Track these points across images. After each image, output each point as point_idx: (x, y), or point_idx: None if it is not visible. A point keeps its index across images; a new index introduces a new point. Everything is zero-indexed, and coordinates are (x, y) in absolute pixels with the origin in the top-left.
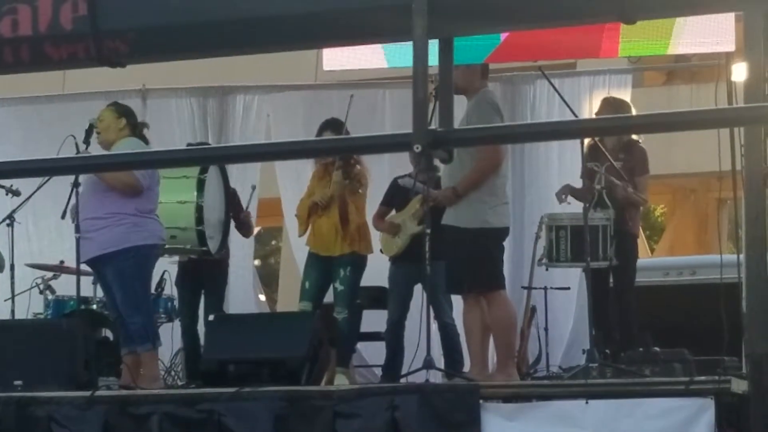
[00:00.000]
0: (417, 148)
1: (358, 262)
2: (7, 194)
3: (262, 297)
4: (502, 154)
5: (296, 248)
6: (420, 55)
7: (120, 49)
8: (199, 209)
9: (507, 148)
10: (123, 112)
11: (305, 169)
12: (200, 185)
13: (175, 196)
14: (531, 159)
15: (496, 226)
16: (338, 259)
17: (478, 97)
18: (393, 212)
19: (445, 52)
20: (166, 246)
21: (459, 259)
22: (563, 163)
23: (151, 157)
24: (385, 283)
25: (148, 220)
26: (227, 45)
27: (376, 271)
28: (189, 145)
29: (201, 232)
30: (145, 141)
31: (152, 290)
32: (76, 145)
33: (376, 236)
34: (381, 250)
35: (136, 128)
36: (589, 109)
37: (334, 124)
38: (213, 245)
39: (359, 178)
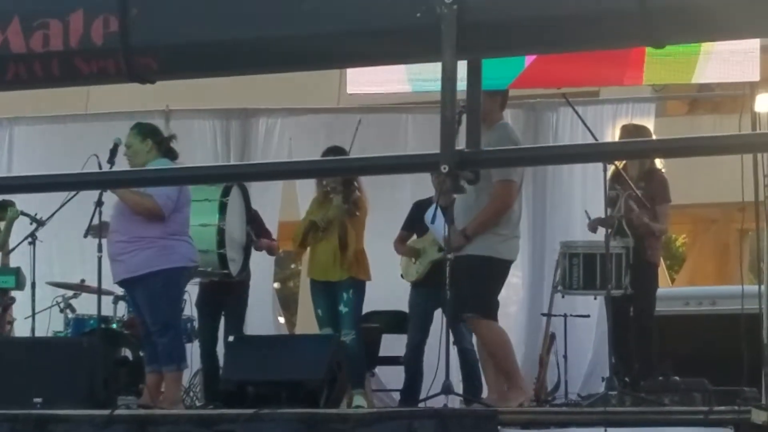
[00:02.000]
0: (444, 168)
1: (358, 286)
2: (31, 223)
3: (282, 319)
4: (514, 195)
5: None
6: (449, 75)
7: (150, 66)
8: (221, 232)
9: (521, 184)
10: (147, 132)
11: None
12: (222, 208)
13: (197, 219)
14: (554, 186)
15: (503, 257)
16: (339, 284)
17: (500, 132)
18: (414, 237)
19: (474, 74)
20: None
21: (460, 284)
22: (586, 190)
23: (170, 174)
24: (405, 308)
25: (178, 243)
26: (256, 63)
27: (396, 296)
28: None
29: (222, 255)
30: (174, 156)
31: None
32: (99, 164)
33: (375, 263)
34: (401, 275)
35: (162, 145)
36: (612, 136)
37: (336, 151)
38: (234, 268)
39: (358, 203)
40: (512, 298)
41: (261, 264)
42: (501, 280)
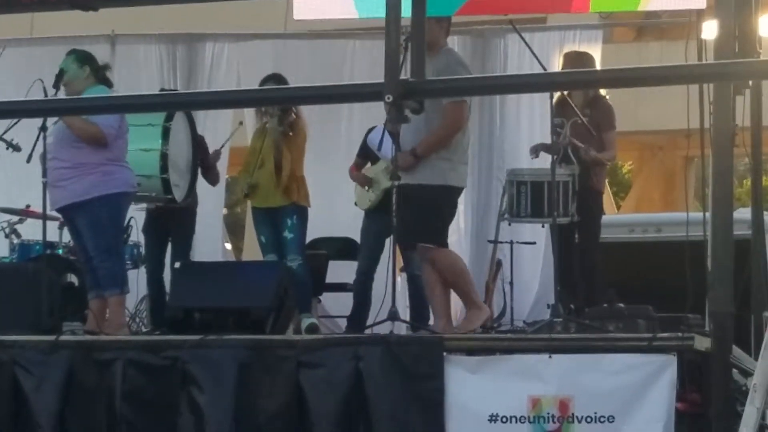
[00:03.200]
0: (388, 98)
1: (301, 211)
2: (7, 148)
3: (228, 246)
4: (465, 116)
5: None
6: (393, 4)
7: None
8: (164, 157)
9: (470, 109)
10: (84, 59)
11: None
12: (165, 133)
13: (139, 144)
14: (502, 114)
15: (454, 185)
16: (282, 210)
17: (447, 57)
18: (369, 164)
19: (418, 2)
20: None
21: (413, 214)
22: (533, 118)
23: (119, 102)
24: (352, 235)
25: (119, 168)
26: None
27: (342, 223)
28: (161, 91)
29: (166, 180)
30: (109, 84)
31: None
32: (44, 89)
33: (322, 190)
34: (355, 203)
35: (99, 72)
36: (559, 63)
37: (275, 79)
38: (179, 193)
39: (293, 125)
40: (454, 226)
41: (210, 190)
42: (454, 207)
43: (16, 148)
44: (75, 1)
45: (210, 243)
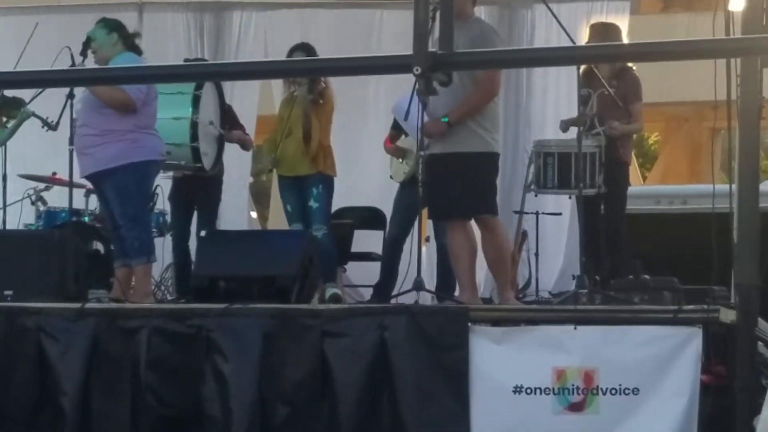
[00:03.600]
0: (417, 70)
1: (327, 181)
2: (42, 127)
3: (254, 214)
4: (498, 83)
5: None
6: None
7: None
8: (194, 126)
9: (501, 77)
10: (113, 26)
11: None
12: (195, 101)
13: (170, 112)
14: (528, 85)
15: (497, 151)
16: (308, 179)
17: (479, 25)
18: (403, 136)
19: None
20: None
21: (465, 184)
22: (559, 89)
23: (146, 72)
24: (377, 205)
25: (147, 136)
26: None
27: (368, 193)
28: (186, 61)
29: (196, 148)
30: (139, 52)
31: None
32: (72, 57)
33: (348, 160)
34: (391, 176)
35: (128, 40)
36: (586, 35)
37: (304, 48)
38: (207, 162)
39: (322, 93)
40: None
41: (237, 159)
42: (496, 173)
43: (52, 127)
44: None
45: (236, 211)
